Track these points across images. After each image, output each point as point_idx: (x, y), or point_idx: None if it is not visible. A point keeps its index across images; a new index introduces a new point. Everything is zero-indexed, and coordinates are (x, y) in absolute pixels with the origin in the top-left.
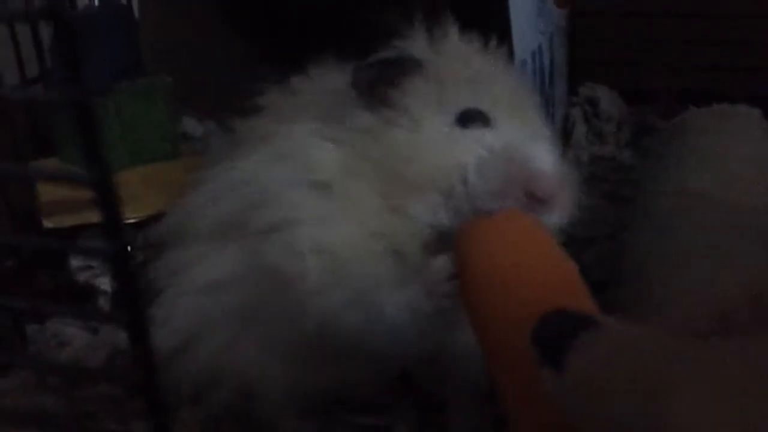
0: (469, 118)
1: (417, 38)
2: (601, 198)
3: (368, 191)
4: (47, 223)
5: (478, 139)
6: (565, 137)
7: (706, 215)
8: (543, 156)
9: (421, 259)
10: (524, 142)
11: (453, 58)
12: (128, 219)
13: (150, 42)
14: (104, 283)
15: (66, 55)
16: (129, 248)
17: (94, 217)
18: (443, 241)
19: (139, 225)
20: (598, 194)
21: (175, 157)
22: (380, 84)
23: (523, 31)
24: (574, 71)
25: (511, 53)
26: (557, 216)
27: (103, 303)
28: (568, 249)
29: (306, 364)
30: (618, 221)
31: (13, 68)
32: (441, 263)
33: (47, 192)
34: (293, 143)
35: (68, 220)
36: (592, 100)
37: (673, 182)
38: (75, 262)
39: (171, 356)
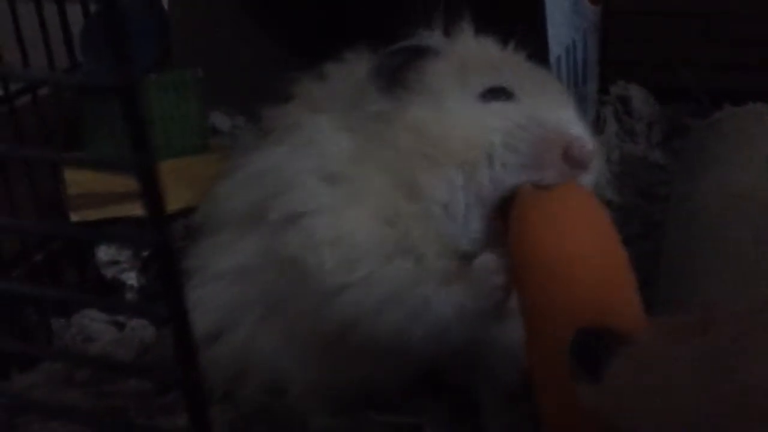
0: (493, 95)
1: (435, 32)
2: (633, 196)
3: (381, 178)
4: (74, 217)
5: (503, 112)
6: (596, 135)
7: (749, 215)
8: (574, 121)
9: (434, 251)
10: (551, 110)
11: (470, 47)
12: None
13: (179, 35)
14: (131, 278)
15: (115, 38)
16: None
17: (120, 210)
18: (464, 234)
19: (168, 218)
20: (629, 193)
21: (204, 151)
22: (400, 70)
23: (558, 26)
24: (607, 69)
25: (546, 49)
26: (593, 178)
27: (131, 298)
28: None
29: (332, 359)
30: (651, 221)
31: (41, 57)
32: (488, 260)
33: (74, 185)
34: (311, 133)
35: (94, 214)
36: (623, 98)
37: (714, 182)
38: (102, 256)
39: (203, 343)
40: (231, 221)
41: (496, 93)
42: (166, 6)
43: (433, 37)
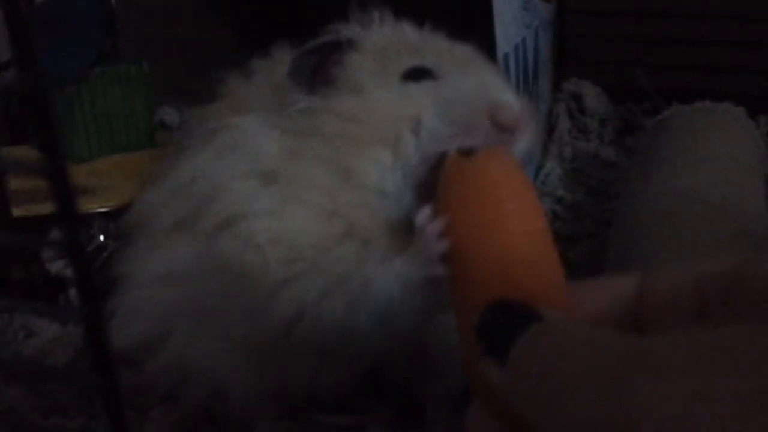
0: (415, 75)
1: (351, 24)
2: (584, 195)
3: (316, 172)
4: (17, 212)
5: (427, 91)
6: (548, 132)
7: (692, 216)
8: (502, 86)
9: (380, 234)
10: (478, 79)
11: (388, 34)
12: (101, 208)
13: (128, 28)
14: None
15: (18, 39)
16: (86, 240)
17: None
18: (399, 211)
19: (113, 214)
20: (581, 191)
21: (152, 146)
22: (320, 67)
23: (507, 24)
24: (560, 67)
25: (494, 46)
26: (524, 144)
27: (74, 295)
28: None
29: (273, 362)
30: (602, 219)
31: None
32: (424, 216)
33: (17, 180)
34: (238, 135)
35: (38, 209)
36: (576, 95)
37: (659, 182)
38: (47, 252)
39: (137, 351)
40: (161, 228)
41: (418, 73)
42: None
43: (349, 29)
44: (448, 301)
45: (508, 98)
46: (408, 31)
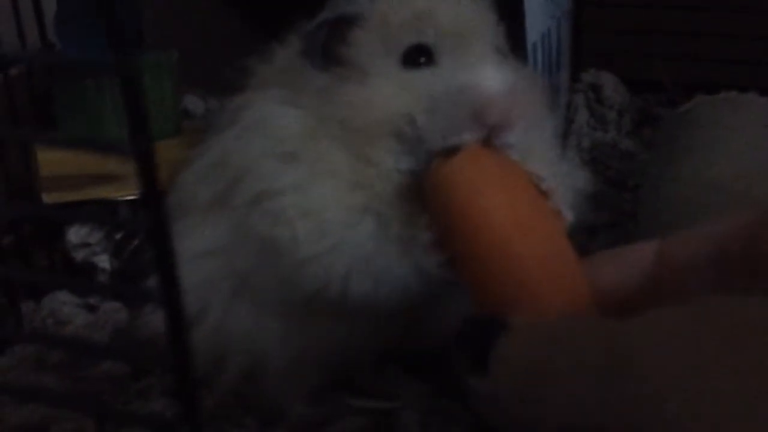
0: (414, 56)
1: None
2: (603, 185)
3: (336, 149)
4: (47, 199)
5: (423, 80)
6: (567, 123)
7: (718, 206)
8: (490, 79)
9: (401, 207)
10: (469, 71)
11: (396, 4)
12: (129, 195)
13: (151, 16)
14: (103, 261)
15: (110, 19)
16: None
17: (93, 193)
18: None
19: (141, 201)
20: (599, 181)
21: (177, 135)
22: (328, 45)
23: (535, 13)
24: (579, 57)
25: (523, 35)
26: (518, 134)
27: (103, 281)
28: (574, 239)
29: (304, 328)
30: (621, 209)
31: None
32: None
33: (46, 167)
34: (260, 114)
35: (68, 196)
36: (595, 86)
37: (687, 171)
38: (72, 239)
39: None
40: (197, 207)
41: (417, 53)
42: None
43: (353, 2)
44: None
45: (495, 92)
46: None
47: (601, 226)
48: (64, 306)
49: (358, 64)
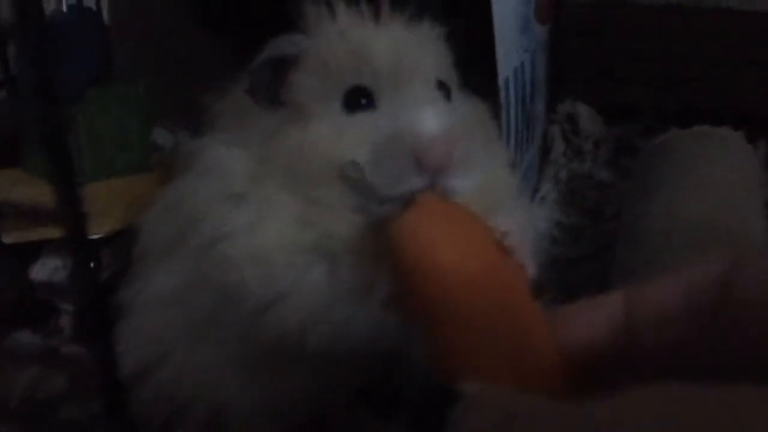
0: (354, 98)
1: (302, 26)
2: (581, 216)
3: (284, 190)
4: (6, 239)
5: (363, 124)
6: (543, 154)
7: (692, 241)
8: (427, 121)
9: (357, 249)
10: (407, 113)
11: (334, 38)
12: (95, 234)
13: (120, 48)
14: (66, 302)
15: (36, 62)
16: (92, 265)
17: (56, 232)
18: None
19: (107, 240)
20: (576, 213)
21: (146, 169)
22: (272, 85)
23: (507, 49)
24: (555, 88)
25: (495, 72)
26: (463, 177)
27: (65, 322)
28: (552, 270)
29: (267, 376)
30: (600, 241)
31: None
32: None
33: (6, 205)
34: (209, 157)
35: (29, 236)
36: (571, 117)
37: (660, 205)
38: (37, 278)
39: (139, 376)
40: (154, 252)
41: (358, 95)
42: (106, 18)
43: (292, 42)
44: None
45: (434, 135)
46: (353, 34)
47: (580, 258)
48: (25, 346)
49: (300, 106)
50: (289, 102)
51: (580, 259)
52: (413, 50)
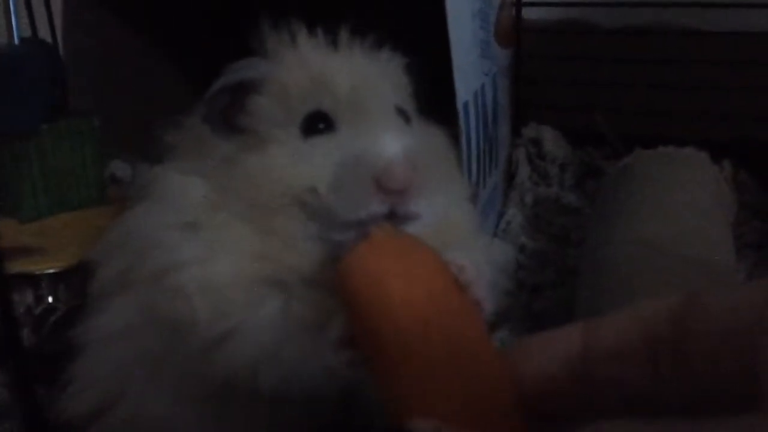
0: (314, 124)
1: (261, 52)
2: (547, 242)
3: (239, 219)
4: None
5: (322, 149)
6: (509, 178)
7: (658, 266)
8: (386, 146)
9: (312, 282)
10: (366, 138)
11: (294, 63)
12: (51, 269)
13: (77, 80)
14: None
15: None
16: (35, 301)
17: (13, 266)
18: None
19: (63, 275)
20: (544, 238)
21: (102, 203)
22: (229, 111)
23: (466, 72)
24: (519, 112)
25: (453, 95)
26: (422, 202)
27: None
28: (518, 297)
29: (223, 414)
30: (566, 267)
31: None
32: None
33: None
34: (163, 185)
35: None
36: (536, 140)
37: (624, 230)
38: None
39: (92, 416)
40: (106, 286)
41: (316, 120)
42: (61, 51)
43: (252, 67)
44: None
45: (392, 156)
46: (314, 60)
47: (546, 284)
48: None
49: (258, 132)
50: (246, 128)
51: (546, 286)
52: (372, 77)
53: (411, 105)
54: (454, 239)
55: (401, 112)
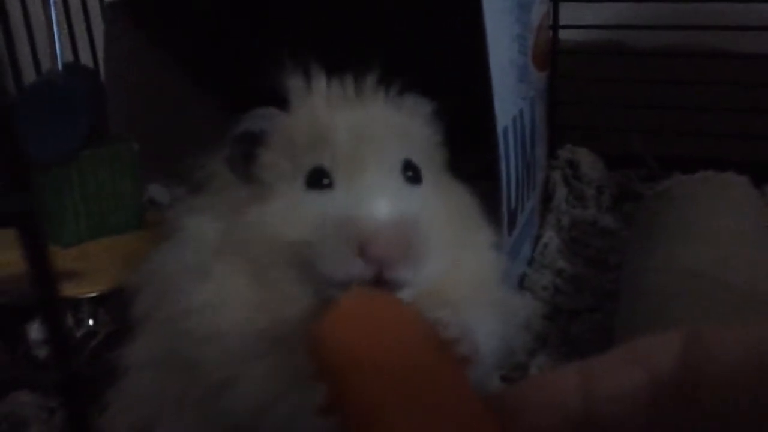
0: (318, 179)
1: (267, 108)
2: (584, 265)
3: (244, 268)
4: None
5: (319, 205)
6: (545, 200)
7: (699, 294)
8: (378, 210)
9: (305, 330)
10: (358, 199)
11: (303, 115)
12: (90, 293)
13: (117, 104)
14: None
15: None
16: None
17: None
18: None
19: (102, 299)
20: (581, 261)
21: (140, 227)
22: (244, 159)
23: (504, 98)
24: (555, 134)
25: (494, 121)
26: (410, 270)
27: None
28: (555, 322)
29: None
30: (603, 290)
31: None
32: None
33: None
34: (185, 226)
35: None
36: (572, 162)
37: (664, 257)
38: (33, 335)
39: None
40: (138, 316)
41: (320, 176)
42: (103, 77)
43: (266, 116)
44: None
45: (381, 225)
46: (321, 112)
47: (583, 309)
48: (24, 408)
49: (266, 182)
50: (257, 178)
51: (584, 310)
52: (378, 132)
53: (430, 157)
54: (465, 292)
55: (410, 168)
